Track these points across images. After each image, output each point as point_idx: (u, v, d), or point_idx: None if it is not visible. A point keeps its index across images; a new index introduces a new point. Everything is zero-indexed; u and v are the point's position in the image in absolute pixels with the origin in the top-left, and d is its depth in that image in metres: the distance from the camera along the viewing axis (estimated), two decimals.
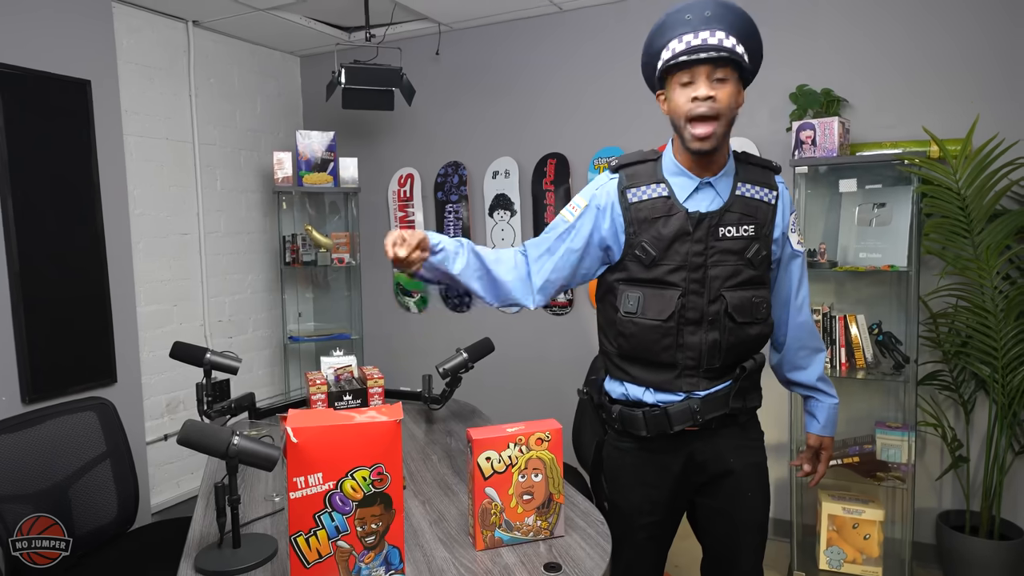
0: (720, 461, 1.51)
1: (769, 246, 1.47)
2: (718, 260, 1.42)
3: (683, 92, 1.36)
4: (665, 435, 1.47)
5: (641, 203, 1.43)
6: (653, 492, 1.52)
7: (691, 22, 1.35)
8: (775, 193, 1.48)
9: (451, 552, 1.35)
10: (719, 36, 1.34)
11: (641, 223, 1.43)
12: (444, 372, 2.19)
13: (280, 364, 3.86)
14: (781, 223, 1.49)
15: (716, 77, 1.35)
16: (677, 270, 1.41)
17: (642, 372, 1.47)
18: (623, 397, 1.51)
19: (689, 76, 1.35)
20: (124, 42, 3.02)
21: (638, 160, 1.48)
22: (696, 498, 1.57)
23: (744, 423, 1.55)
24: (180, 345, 2.09)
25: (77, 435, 2.03)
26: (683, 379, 1.45)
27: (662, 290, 1.42)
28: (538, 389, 3.50)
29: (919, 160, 2.42)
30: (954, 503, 2.70)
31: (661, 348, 1.43)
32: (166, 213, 3.25)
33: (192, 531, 1.48)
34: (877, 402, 2.75)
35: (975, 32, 2.56)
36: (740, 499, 1.53)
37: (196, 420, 1.37)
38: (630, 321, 1.44)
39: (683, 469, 1.51)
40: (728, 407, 1.47)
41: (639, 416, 1.47)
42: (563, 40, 3.33)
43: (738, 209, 1.43)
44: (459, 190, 3.63)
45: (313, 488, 1.13)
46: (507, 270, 1.49)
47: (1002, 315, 2.36)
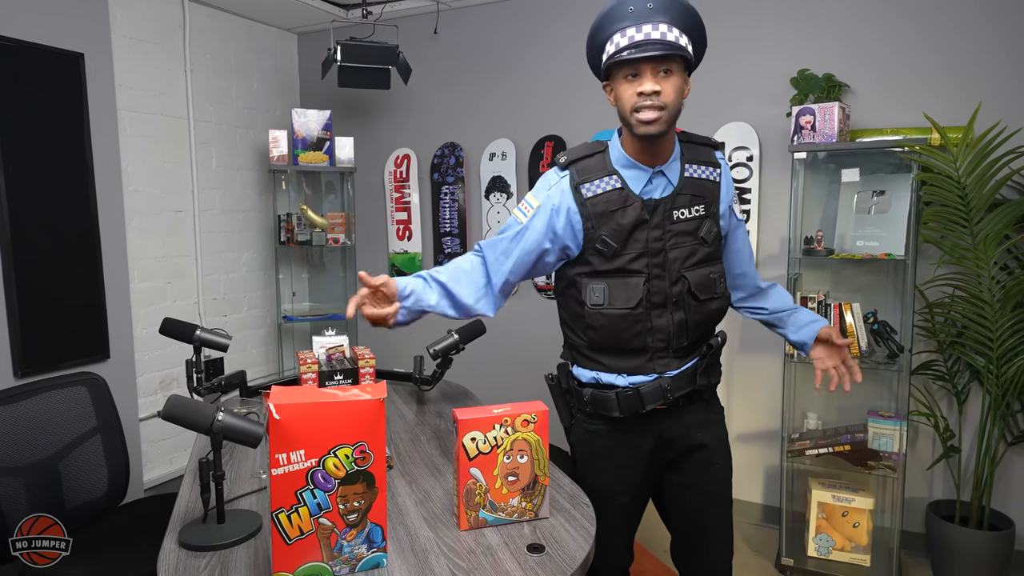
0: (687, 436, 1.55)
1: (718, 222, 1.51)
2: (676, 243, 1.45)
3: (629, 86, 1.37)
4: (636, 415, 1.50)
5: (596, 197, 1.45)
6: (627, 472, 1.56)
7: (633, 15, 1.35)
8: (718, 171, 1.52)
9: (435, 531, 1.35)
10: (662, 29, 1.33)
11: (599, 217, 1.44)
12: (435, 353, 2.19)
13: (274, 343, 3.86)
14: (726, 197, 1.53)
15: (662, 70, 1.35)
16: (638, 257, 1.44)
17: (614, 360, 1.50)
18: (594, 380, 1.53)
19: (634, 70, 1.36)
20: (118, 15, 2.98)
21: (586, 154, 1.49)
22: (664, 475, 1.61)
23: (708, 398, 1.59)
24: (170, 321, 2.08)
25: (68, 410, 2.03)
26: (655, 361, 1.48)
27: (626, 278, 1.45)
28: (529, 371, 3.49)
29: (919, 147, 2.39)
30: (944, 493, 2.71)
31: (632, 335, 1.46)
32: (160, 190, 3.23)
33: (178, 506, 1.48)
34: (870, 391, 2.74)
35: (979, 18, 2.52)
36: (708, 472, 1.57)
37: (181, 396, 1.36)
38: (598, 313, 1.46)
39: (653, 447, 1.55)
40: (695, 384, 1.52)
41: (612, 397, 1.50)
42: (563, 21, 3.29)
43: (688, 191, 1.47)
44: (455, 172, 3.61)
45: (295, 465, 1.12)
46: (468, 291, 1.52)
47: (999, 306, 2.34)
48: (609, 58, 1.38)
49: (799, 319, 1.66)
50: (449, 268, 1.54)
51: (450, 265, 1.55)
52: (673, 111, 1.37)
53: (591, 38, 1.44)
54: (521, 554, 1.26)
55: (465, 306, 1.53)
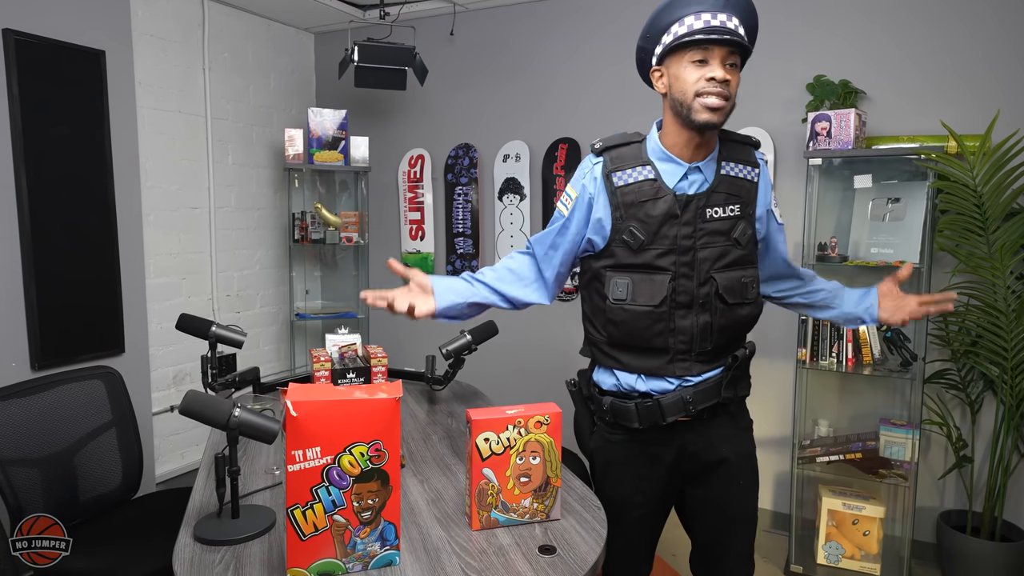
0: (712, 450, 1.50)
1: (754, 224, 1.46)
2: (707, 242, 1.40)
3: (695, 70, 1.33)
4: (657, 426, 1.45)
5: (627, 186, 1.41)
6: (645, 484, 1.52)
7: (708, 1, 1.32)
8: (756, 170, 1.47)
9: (447, 531, 1.36)
10: (735, 22, 1.32)
11: (628, 207, 1.40)
12: (447, 353, 2.19)
13: (286, 340, 3.88)
14: (764, 199, 1.48)
15: (730, 62, 1.33)
16: (666, 254, 1.40)
17: (633, 359, 1.45)
18: (614, 388, 1.50)
19: (703, 55, 1.32)
20: (139, 13, 3.02)
21: (622, 142, 1.45)
22: (687, 488, 1.57)
23: (734, 412, 1.53)
24: (186, 317, 2.11)
25: (84, 403, 2.06)
26: (675, 364, 1.43)
27: (652, 275, 1.40)
28: (541, 373, 3.51)
29: (936, 155, 2.38)
30: (956, 503, 2.69)
31: (653, 334, 1.41)
32: (177, 186, 3.26)
33: (192, 500, 1.49)
34: (882, 399, 2.73)
35: (996, 26, 2.51)
36: (732, 488, 1.53)
37: (199, 391, 1.38)
38: (620, 308, 1.42)
39: (675, 460, 1.50)
40: (720, 396, 1.46)
41: (631, 408, 1.46)
42: (579, 24, 3.29)
43: (724, 189, 1.41)
44: (469, 173, 3.62)
45: (311, 462, 1.14)
46: (515, 288, 1.54)
47: (1014, 315, 2.33)
48: (679, 37, 1.32)
49: (852, 293, 1.63)
50: (497, 269, 1.56)
51: (498, 266, 1.57)
52: (733, 104, 1.34)
53: (656, 16, 1.38)
54: (533, 555, 1.27)
55: (515, 299, 1.55)
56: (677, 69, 1.35)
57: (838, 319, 1.65)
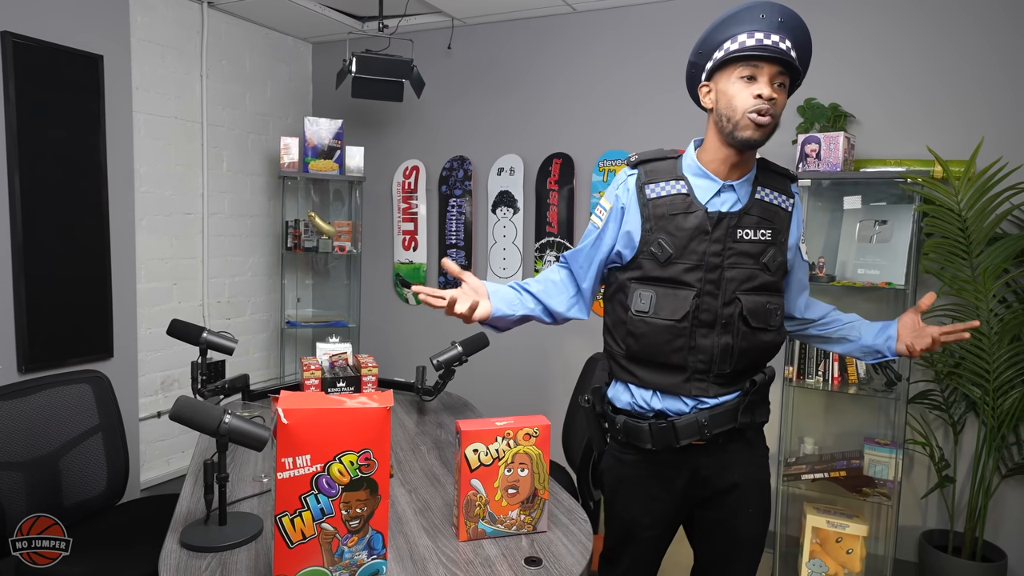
0: (725, 476, 1.48)
1: (785, 252, 1.45)
2: (735, 262, 1.39)
3: (745, 87, 1.33)
4: (671, 448, 1.43)
5: (659, 199, 1.41)
6: (656, 505, 1.49)
7: (764, 21, 1.33)
8: (792, 201, 1.47)
9: (434, 541, 1.37)
10: (787, 45, 1.34)
11: (658, 219, 1.40)
12: (438, 364, 2.20)
13: (276, 348, 3.87)
14: (795, 231, 1.49)
15: (778, 82, 1.34)
16: (693, 269, 1.38)
17: (650, 375, 1.43)
18: (628, 406, 1.47)
19: (752, 72, 1.33)
20: (138, 19, 3.03)
21: (658, 157, 1.46)
22: (696, 510, 1.55)
23: (751, 438, 1.51)
24: (178, 323, 2.11)
25: (71, 406, 2.05)
26: (692, 383, 1.41)
27: (676, 289, 1.39)
28: (531, 386, 3.52)
29: (922, 179, 2.43)
30: (938, 523, 2.71)
31: (672, 349, 1.39)
32: (171, 192, 3.26)
33: (179, 507, 1.49)
34: (867, 418, 2.76)
35: (985, 54, 2.57)
36: (741, 514, 1.51)
37: (189, 397, 1.38)
38: (642, 320, 1.40)
39: (687, 484, 1.48)
40: (736, 421, 1.43)
41: (644, 428, 1.43)
42: (575, 40, 3.34)
43: (757, 212, 1.41)
44: (463, 185, 3.64)
45: (301, 469, 1.14)
46: (559, 301, 1.53)
47: (996, 338, 2.37)
48: (730, 53, 1.33)
49: (872, 326, 1.59)
50: (540, 280, 1.55)
51: (540, 277, 1.56)
52: (776, 124, 1.35)
53: (711, 32, 1.39)
54: (519, 567, 1.28)
55: (558, 314, 1.53)
56: (725, 85, 1.36)
57: (854, 352, 1.61)
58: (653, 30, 3.16)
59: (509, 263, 3.54)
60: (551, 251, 3.44)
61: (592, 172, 3.32)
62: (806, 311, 1.63)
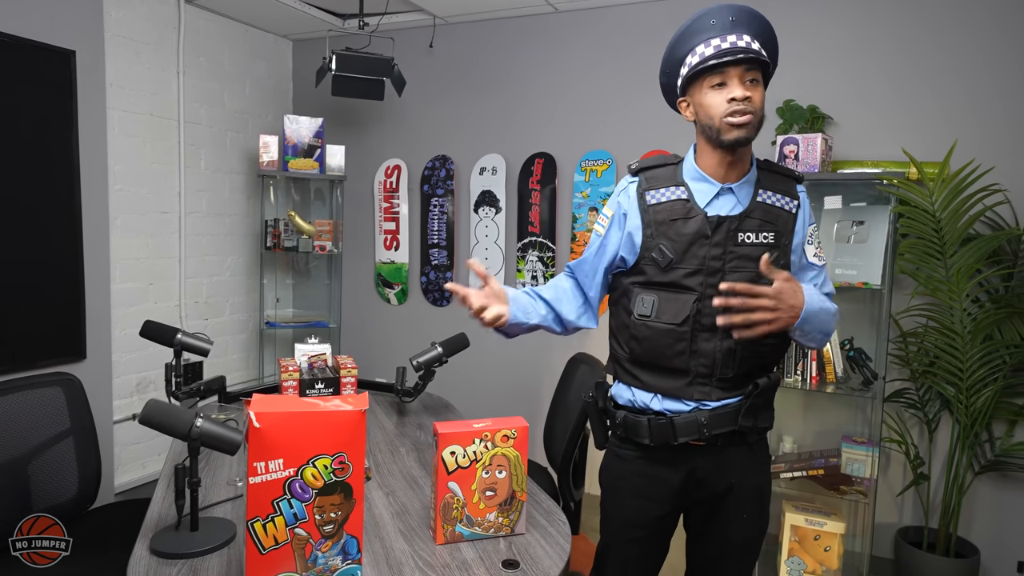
0: (721, 479, 1.46)
1: (788, 256, 1.44)
2: (736, 266, 1.39)
3: (717, 94, 1.35)
4: (668, 446, 1.42)
5: (659, 205, 1.42)
6: (649, 506, 1.48)
7: (715, 27, 1.35)
8: (796, 202, 1.46)
9: (411, 545, 1.35)
10: (746, 39, 1.34)
11: (659, 225, 1.41)
12: (418, 365, 2.19)
13: (255, 349, 3.83)
14: (800, 232, 1.47)
15: (748, 79, 1.35)
16: (694, 274, 1.39)
17: (653, 378, 1.43)
18: (629, 403, 1.48)
19: (721, 78, 1.34)
20: (112, 14, 2.98)
21: (659, 164, 1.47)
22: (690, 512, 1.54)
23: (753, 443, 1.49)
24: (151, 324, 2.07)
25: (41, 410, 2.00)
26: (694, 387, 1.41)
27: (678, 294, 1.39)
28: (512, 386, 3.51)
29: (897, 181, 2.46)
30: (914, 519, 2.75)
31: (674, 353, 1.40)
32: (146, 190, 3.21)
33: (151, 512, 1.47)
34: (845, 416, 2.79)
35: (961, 58, 2.60)
36: (735, 519, 1.49)
37: (160, 400, 1.36)
38: (644, 324, 1.41)
39: (683, 484, 1.47)
40: (737, 424, 1.42)
41: (643, 423, 1.43)
42: (557, 40, 3.33)
43: (758, 216, 1.41)
44: (445, 184, 3.63)
45: (273, 474, 1.12)
46: (569, 309, 1.54)
47: (969, 337, 2.40)
48: (693, 67, 1.35)
49: None
50: (551, 287, 1.56)
51: (551, 284, 1.57)
52: (760, 118, 1.36)
53: (669, 53, 1.42)
54: (496, 569, 1.27)
55: (568, 322, 1.55)
56: (700, 96, 1.38)
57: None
58: (635, 30, 3.17)
59: (491, 263, 3.53)
60: (533, 251, 3.43)
61: (574, 172, 3.32)
62: None
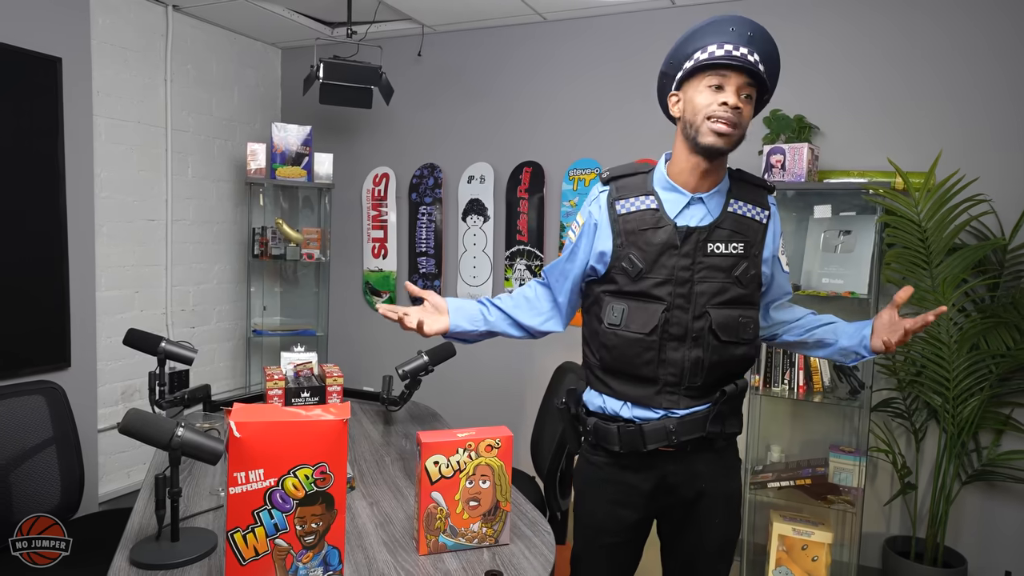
0: (692, 485, 1.47)
1: (759, 266, 1.45)
2: (705, 276, 1.40)
3: (710, 94, 1.35)
4: (638, 453, 1.44)
5: (629, 215, 1.42)
6: (620, 511, 1.49)
7: (734, 34, 1.36)
8: (767, 213, 1.47)
9: (393, 555, 1.34)
10: (755, 58, 1.36)
11: (629, 235, 1.42)
12: (404, 374, 2.18)
13: (242, 357, 3.80)
14: (772, 244, 1.48)
15: (745, 93, 1.35)
16: (663, 284, 1.40)
17: (622, 386, 1.45)
18: (600, 410, 1.49)
19: (720, 81, 1.34)
20: (100, 21, 2.97)
21: (629, 172, 1.47)
22: (662, 519, 1.55)
23: (721, 449, 1.50)
24: (135, 332, 2.05)
25: (24, 419, 1.99)
26: (663, 395, 1.42)
27: (647, 303, 1.40)
28: (499, 396, 3.50)
29: (883, 191, 2.48)
30: (901, 529, 2.75)
31: (643, 362, 1.41)
32: (133, 198, 3.19)
33: (131, 523, 1.45)
34: (832, 426, 2.79)
35: (946, 69, 2.63)
36: (707, 524, 1.50)
37: (140, 409, 1.34)
38: (613, 333, 1.42)
39: (653, 490, 1.48)
40: (705, 431, 1.43)
41: (613, 430, 1.44)
42: (545, 49, 3.35)
43: (728, 226, 1.42)
44: (434, 192, 3.62)
45: (254, 484, 1.11)
46: (529, 315, 1.58)
47: (955, 347, 2.42)
48: (700, 61, 1.35)
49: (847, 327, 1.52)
50: (515, 296, 1.60)
51: (515, 294, 1.61)
52: (741, 134, 1.37)
53: (682, 43, 1.41)
54: None
55: (530, 327, 1.59)
56: (693, 93, 1.38)
57: (833, 356, 1.56)
58: (622, 40, 3.19)
59: (479, 271, 3.53)
60: (521, 259, 3.43)
61: (562, 181, 3.33)
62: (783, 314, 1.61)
